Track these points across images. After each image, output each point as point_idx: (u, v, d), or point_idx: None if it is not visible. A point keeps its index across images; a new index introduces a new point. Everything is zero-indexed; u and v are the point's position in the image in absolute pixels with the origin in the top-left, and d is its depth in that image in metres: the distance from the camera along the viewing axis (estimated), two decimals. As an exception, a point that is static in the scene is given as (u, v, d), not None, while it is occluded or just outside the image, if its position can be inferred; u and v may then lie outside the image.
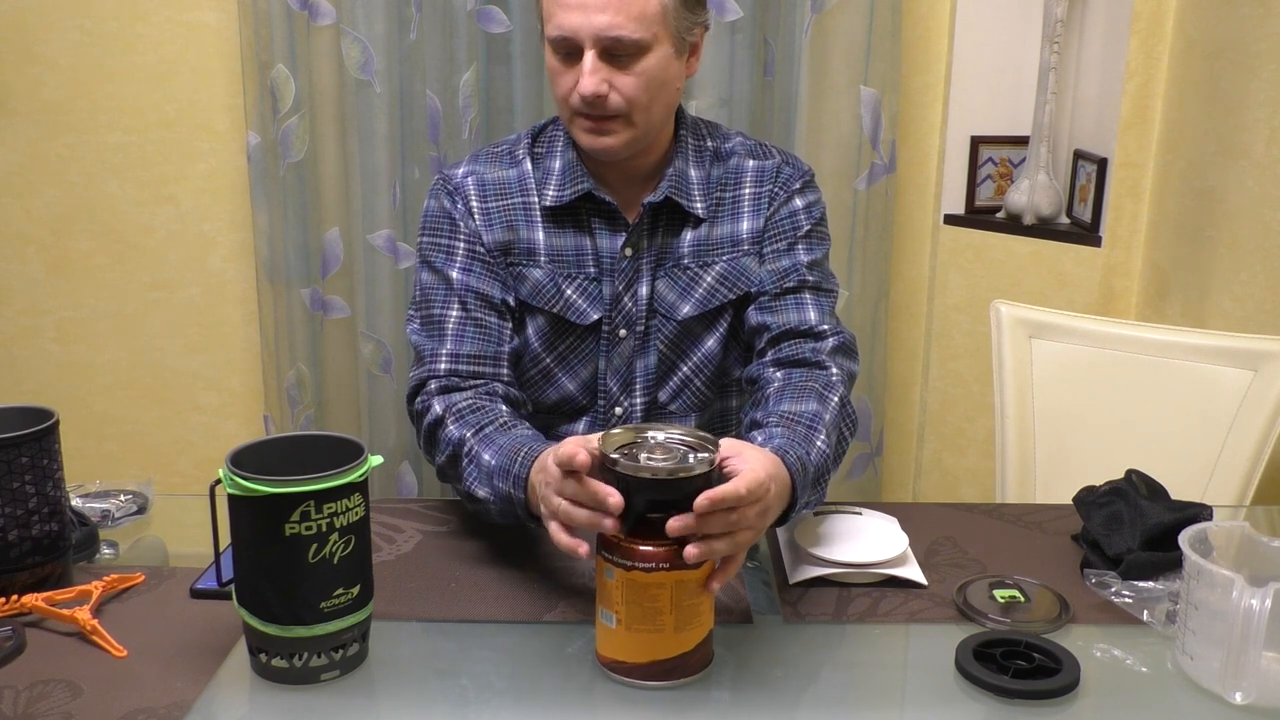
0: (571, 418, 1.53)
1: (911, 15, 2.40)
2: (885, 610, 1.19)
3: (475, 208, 1.46)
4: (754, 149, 1.52)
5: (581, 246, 1.46)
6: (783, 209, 1.49)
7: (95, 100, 2.51)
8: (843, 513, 1.36)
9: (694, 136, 1.49)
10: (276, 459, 1.06)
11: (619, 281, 1.46)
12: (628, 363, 1.50)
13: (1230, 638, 1.00)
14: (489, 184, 1.47)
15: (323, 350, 2.49)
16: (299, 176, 2.40)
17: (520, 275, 1.47)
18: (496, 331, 1.44)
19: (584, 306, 1.47)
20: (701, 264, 1.48)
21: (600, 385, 1.51)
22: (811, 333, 1.43)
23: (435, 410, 1.37)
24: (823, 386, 1.36)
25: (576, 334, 1.48)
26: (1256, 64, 1.87)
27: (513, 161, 1.48)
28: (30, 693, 1.03)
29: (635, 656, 1.04)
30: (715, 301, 1.48)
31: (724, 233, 1.48)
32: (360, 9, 2.28)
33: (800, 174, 1.51)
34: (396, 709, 1.04)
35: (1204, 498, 1.59)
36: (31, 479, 1.16)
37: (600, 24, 1.31)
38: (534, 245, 1.46)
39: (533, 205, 1.46)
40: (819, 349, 1.42)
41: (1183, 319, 2.09)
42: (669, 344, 1.50)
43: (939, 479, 2.60)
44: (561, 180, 1.45)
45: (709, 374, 1.52)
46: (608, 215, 1.46)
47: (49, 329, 2.66)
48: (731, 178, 1.49)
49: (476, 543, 1.34)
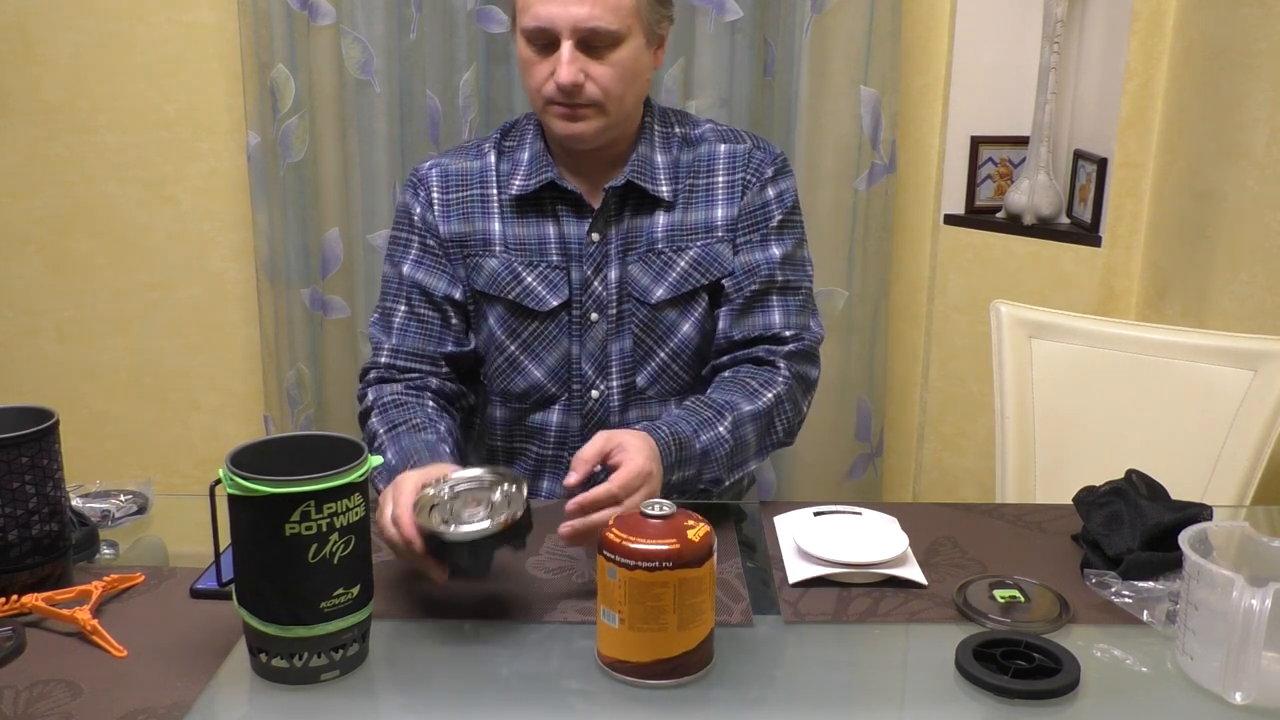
0: (543, 406, 1.55)
1: (911, 15, 2.40)
2: (885, 610, 1.19)
3: (435, 199, 1.52)
4: (724, 134, 1.54)
5: (544, 234, 1.50)
6: (755, 198, 1.51)
7: (95, 100, 2.51)
8: (843, 513, 1.36)
9: (661, 124, 1.53)
10: (276, 459, 1.06)
11: (587, 266, 1.49)
12: (601, 346, 1.52)
13: (1230, 638, 1.00)
14: (452, 175, 1.52)
15: (323, 350, 2.49)
16: (299, 176, 2.40)
17: (477, 265, 1.51)
18: (438, 329, 1.51)
19: (543, 293, 1.49)
20: (675, 249, 1.50)
21: (575, 370, 1.52)
22: (774, 337, 1.50)
23: (368, 399, 1.49)
24: (760, 384, 1.46)
25: (539, 320, 1.51)
26: (1256, 64, 1.87)
27: (478, 154, 1.54)
28: (30, 693, 1.03)
29: (638, 656, 1.04)
30: (688, 285, 1.51)
31: (698, 219, 1.51)
32: (360, 9, 2.28)
33: (771, 159, 1.53)
34: (396, 709, 1.04)
35: (1204, 498, 1.59)
36: (31, 479, 1.16)
37: (578, 15, 1.35)
38: (490, 236, 1.51)
39: (491, 197, 1.51)
40: (774, 351, 1.49)
41: (1183, 319, 2.09)
42: (643, 328, 1.52)
43: (939, 479, 2.60)
44: (528, 170, 1.49)
45: (686, 359, 1.54)
46: (573, 202, 1.49)
47: (49, 329, 2.66)
48: (704, 163, 1.52)
49: (477, 543, 1.34)
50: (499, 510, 1.11)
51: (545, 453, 1.57)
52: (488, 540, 1.09)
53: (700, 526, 1.05)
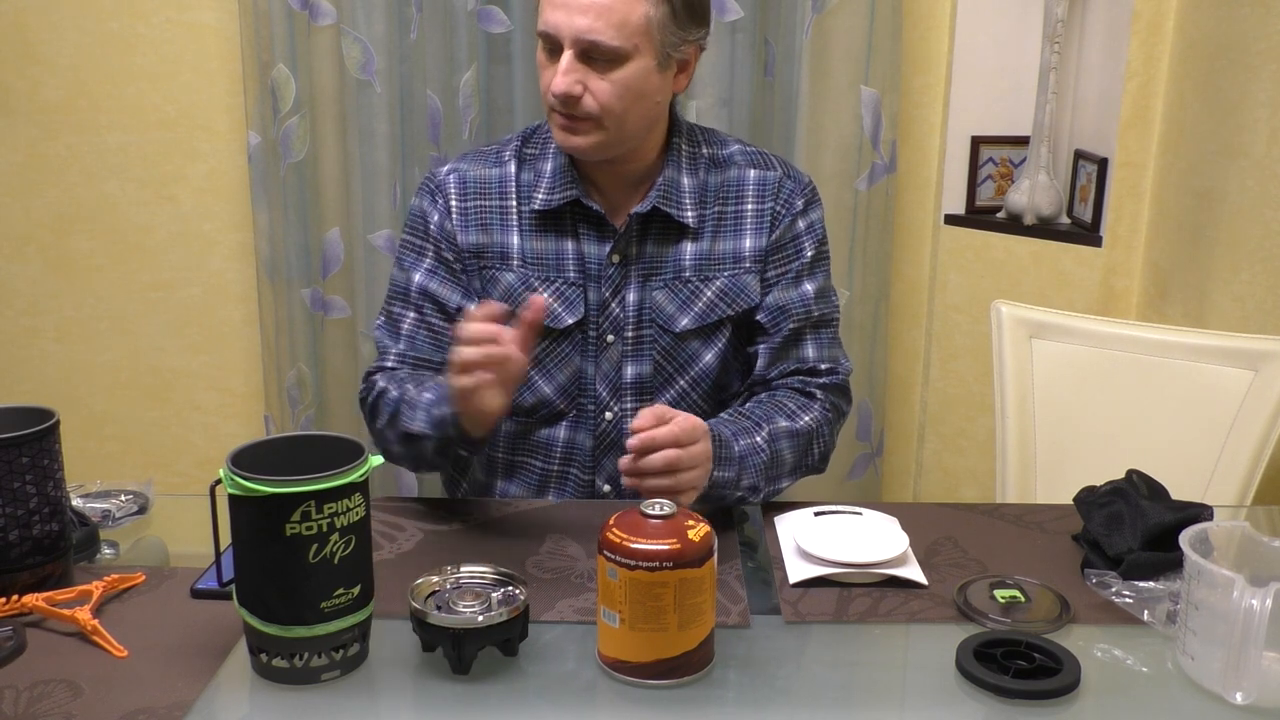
0: (550, 422, 1.53)
1: (912, 15, 2.40)
2: (886, 610, 1.19)
3: (454, 207, 1.49)
4: (754, 158, 1.52)
5: (563, 251, 1.47)
6: (786, 232, 1.50)
7: (95, 100, 2.51)
8: (843, 513, 1.36)
9: (688, 143, 1.49)
10: (277, 459, 1.06)
11: (605, 288, 1.47)
12: (616, 368, 1.50)
13: (1231, 638, 1.00)
14: (470, 182, 1.49)
15: (323, 350, 2.49)
16: (299, 176, 2.40)
17: (493, 278, 1.49)
18: (449, 339, 1.46)
19: (559, 310, 1.47)
20: (703, 278, 1.48)
21: (590, 390, 1.50)
22: (809, 370, 1.51)
23: (378, 385, 1.46)
24: (798, 407, 1.46)
25: (552, 337, 1.48)
26: (1257, 64, 1.87)
27: (498, 162, 1.50)
28: (31, 693, 1.03)
29: (639, 655, 1.04)
30: (714, 316, 1.49)
31: (726, 248, 1.49)
32: (361, 9, 2.28)
33: (802, 189, 1.52)
34: (396, 709, 1.04)
35: (1204, 498, 1.59)
36: (32, 479, 1.16)
37: (580, 26, 1.32)
38: (508, 249, 1.48)
39: (510, 209, 1.48)
40: (810, 382, 1.50)
41: (1183, 319, 2.09)
42: (664, 355, 1.50)
43: (939, 479, 2.60)
44: (551, 183, 1.46)
45: (706, 388, 1.53)
46: (595, 222, 1.46)
47: (49, 329, 2.66)
48: (733, 189, 1.50)
49: (478, 542, 1.34)
50: (494, 608, 1.07)
51: (551, 468, 1.54)
52: (472, 634, 1.05)
53: (700, 526, 1.05)
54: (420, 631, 1.07)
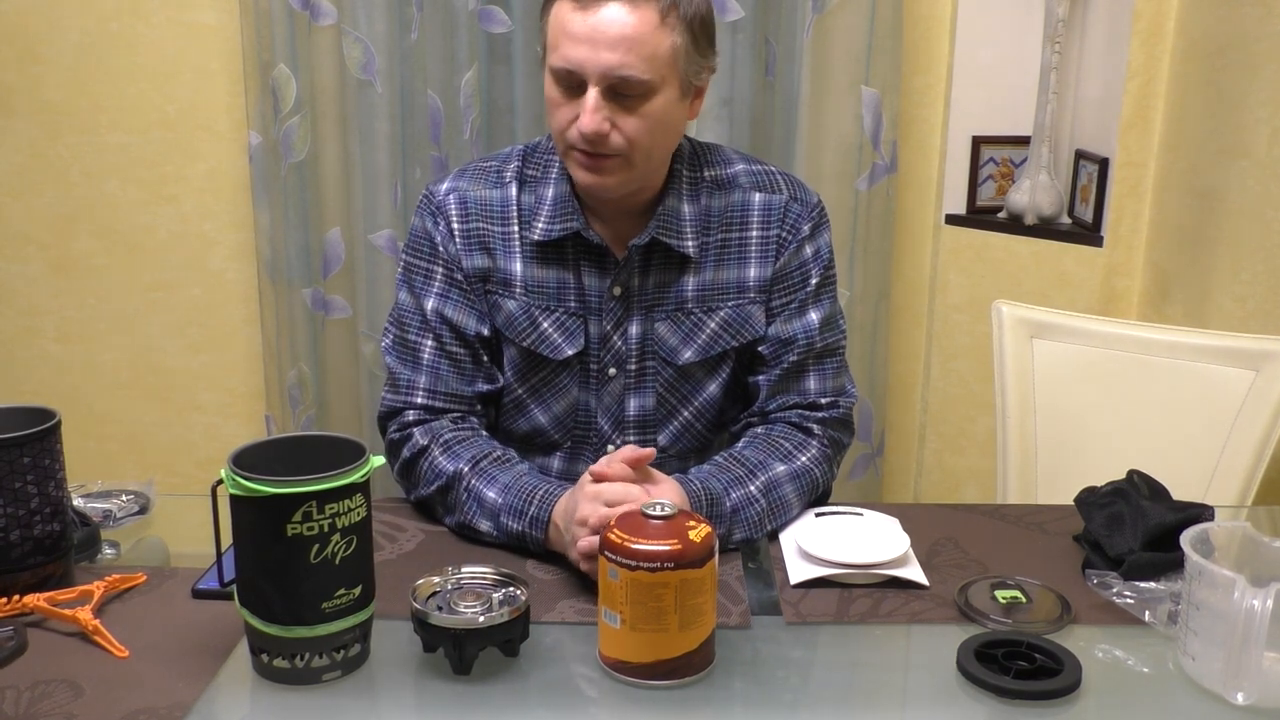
0: (545, 451, 1.50)
1: (913, 15, 2.40)
2: (887, 611, 1.19)
3: (456, 229, 1.43)
4: (759, 179, 1.46)
5: (564, 280, 1.43)
6: (792, 259, 1.45)
7: (96, 100, 2.51)
8: (844, 513, 1.36)
9: (689, 168, 1.44)
10: (278, 459, 1.06)
11: (606, 320, 1.43)
12: (618, 400, 1.46)
13: (1232, 638, 1.00)
14: (471, 203, 1.43)
15: (324, 350, 2.49)
16: (300, 176, 2.40)
17: (496, 304, 1.44)
18: (470, 368, 1.44)
19: (559, 341, 1.43)
20: (706, 309, 1.44)
21: (589, 421, 1.48)
22: (810, 404, 1.46)
23: (418, 441, 1.39)
24: (794, 446, 1.41)
25: (551, 368, 1.45)
26: (1257, 64, 1.87)
27: (499, 183, 1.44)
28: (32, 693, 1.03)
29: (640, 656, 1.04)
30: (718, 348, 1.45)
31: (729, 278, 1.44)
32: (361, 9, 2.29)
33: (809, 212, 1.46)
34: (397, 709, 1.04)
35: (1205, 498, 1.59)
36: (33, 479, 1.16)
37: (609, 62, 1.26)
38: (510, 276, 1.43)
39: (512, 235, 1.43)
40: (809, 416, 1.45)
41: (1184, 319, 2.09)
42: (668, 387, 1.47)
43: (940, 479, 2.60)
44: (552, 213, 1.41)
45: (710, 418, 1.50)
46: (596, 254, 1.42)
47: (50, 329, 2.66)
48: (736, 214, 1.44)
49: (478, 542, 1.34)
50: (495, 609, 1.07)
51: None
52: (474, 634, 1.05)
53: (701, 527, 1.05)
54: (421, 632, 1.07)
